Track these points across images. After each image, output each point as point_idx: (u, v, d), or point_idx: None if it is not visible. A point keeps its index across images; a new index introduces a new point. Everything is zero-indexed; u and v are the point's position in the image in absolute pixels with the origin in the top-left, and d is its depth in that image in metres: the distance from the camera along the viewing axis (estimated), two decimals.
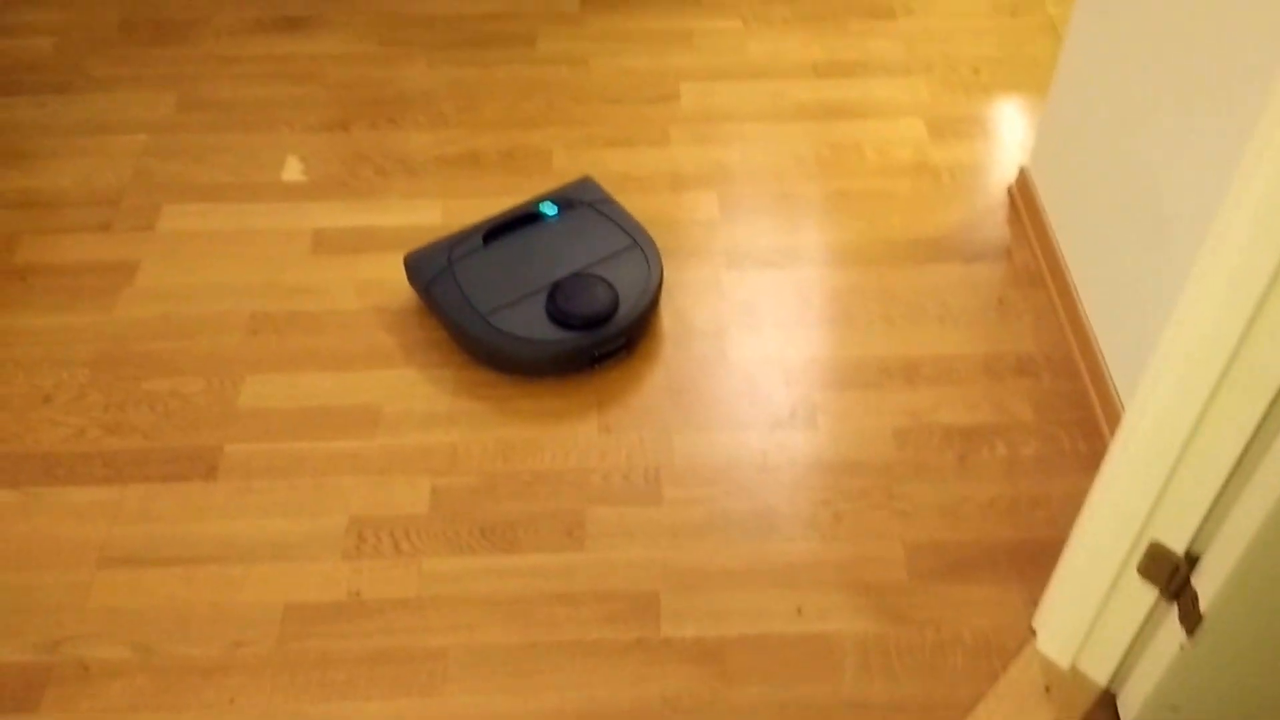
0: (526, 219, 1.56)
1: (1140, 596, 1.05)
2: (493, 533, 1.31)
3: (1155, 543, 1.00)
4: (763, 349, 1.50)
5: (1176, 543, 0.99)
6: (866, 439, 1.40)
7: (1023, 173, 1.68)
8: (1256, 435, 0.86)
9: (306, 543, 1.30)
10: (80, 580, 1.27)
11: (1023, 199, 1.67)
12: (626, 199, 1.70)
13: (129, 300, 1.56)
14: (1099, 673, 1.16)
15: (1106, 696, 1.15)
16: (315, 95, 1.90)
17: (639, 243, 1.53)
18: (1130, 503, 0.98)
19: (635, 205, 1.68)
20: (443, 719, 1.16)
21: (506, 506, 1.34)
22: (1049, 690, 1.16)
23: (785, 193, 1.72)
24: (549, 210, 1.57)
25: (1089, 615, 1.10)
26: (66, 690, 1.18)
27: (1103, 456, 1.36)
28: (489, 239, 1.53)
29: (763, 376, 1.47)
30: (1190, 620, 0.96)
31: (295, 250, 1.64)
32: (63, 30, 2.03)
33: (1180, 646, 0.98)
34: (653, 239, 1.54)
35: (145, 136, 1.81)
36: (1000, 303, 1.55)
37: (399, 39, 2.01)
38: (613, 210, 1.58)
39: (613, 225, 1.55)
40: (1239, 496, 0.90)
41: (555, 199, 1.59)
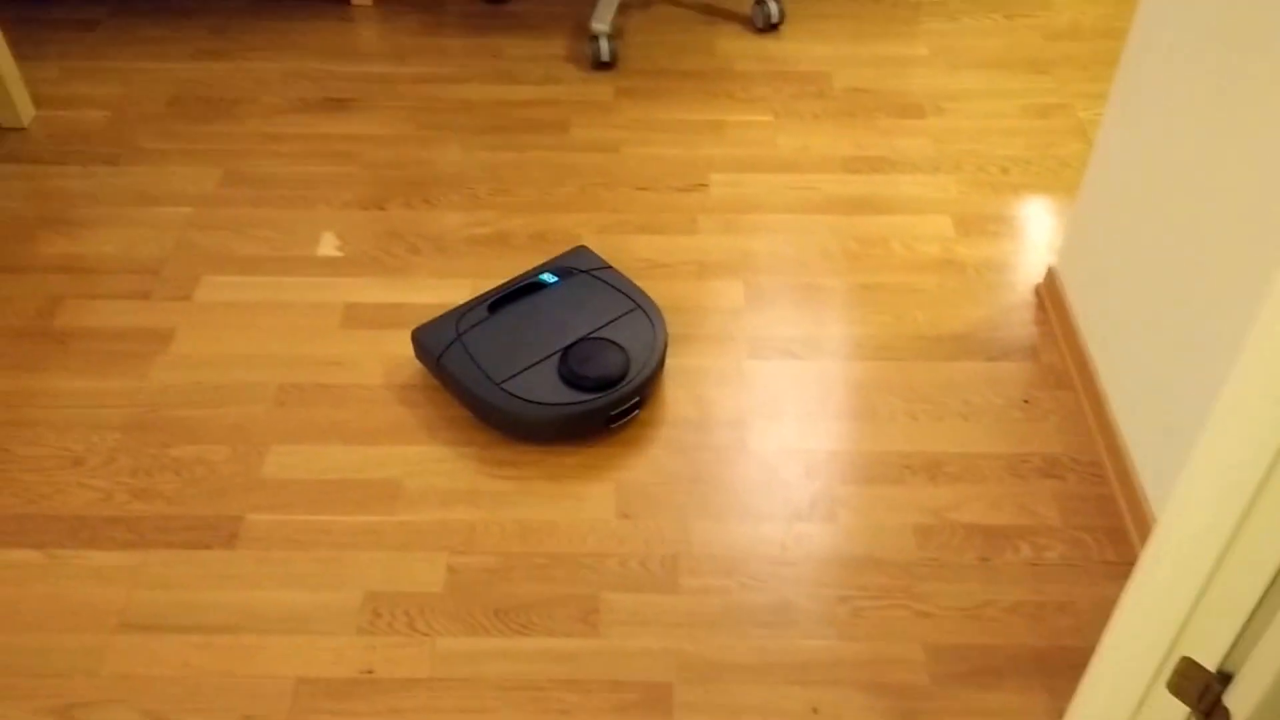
0: (529, 288, 1.61)
1: (1170, 714, 1.03)
2: (507, 615, 1.30)
3: (1186, 659, 0.98)
4: (784, 440, 1.51)
5: (1209, 659, 0.97)
6: (887, 535, 1.39)
7: (1050, 273, 1.69)
8: None
9: (322, 616, 1.30)
10: (96, 644, 1.27)
11: (1050, 299, 1.68)
12: (653, 285, 1.72)
13: (163, 367, 1.59)
14: None
15: None
16: (354, 174, 1.95)
17: (640, 305, 1.58)
18: (1161, 616, 0.96)
19: (661, 291, 1.71)
20: None
21: (522, 588, 1.33)
22: None
23: (811, 284, 1.74)
24: (549, 279, 1.62)
25: None
26: None
27: (1131, 563, 1.35)
28: (495, 308, 1.58)
29: (783, 468, 1.47)
30: None
31: (325, 324, 1.66)
32: (116, 104, 2.10)
33: None
34: (653, 301, 1.60)
35: (189, 209, 1.87)
36: (1026, 403, 1.55)
37: (436, 122, 2.07)
38: (610, 276, 1.63)
39: (612, 290, 1.60)
40: (1276, 613, 0.89)
41: (553, 268, 1.64)
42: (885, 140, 2.03)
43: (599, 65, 2.21)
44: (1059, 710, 1.19)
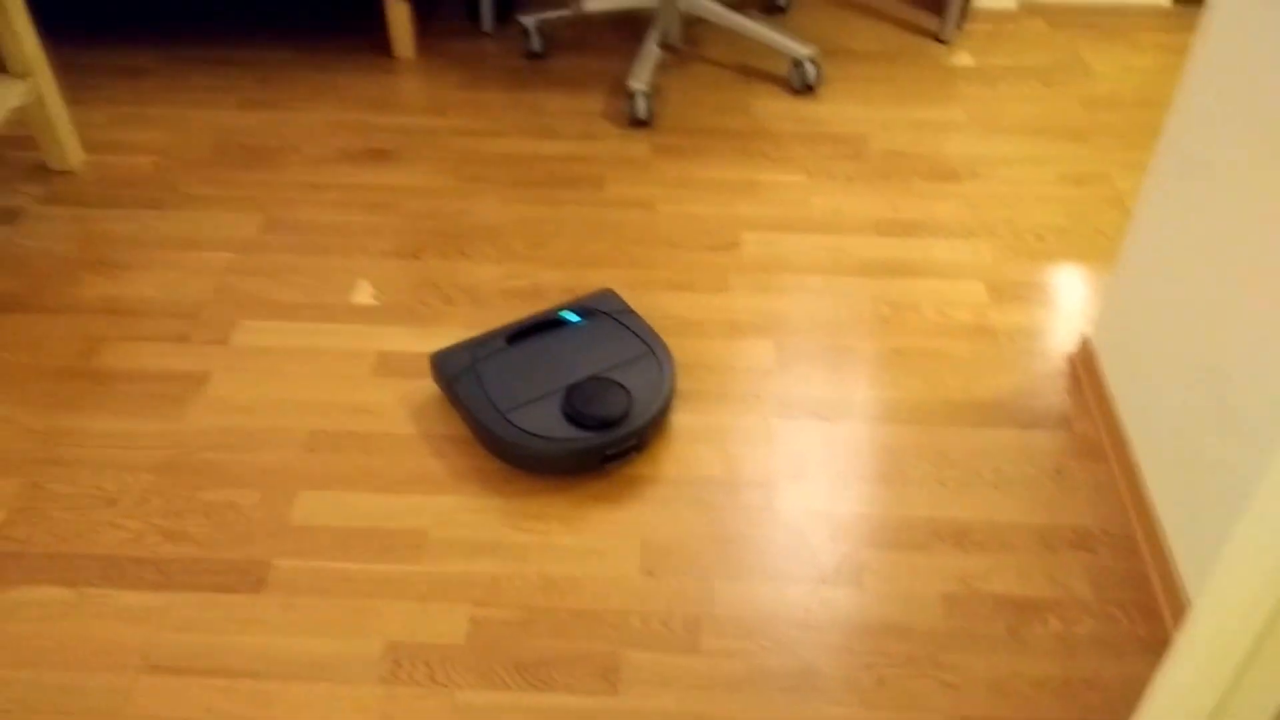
0: (549, 324, 1.65)
1: None
2: (528, 670, 1.30)
3: None
4: (810, 502, 1.50)
5: None
6: (913, 602, 1.37)
7: (1085, 342, 1.68)
8: None
9: (343, 665, 1.30)
10: (122, 685, 1.27)
11: (1084, 369, 1.67)
12: (683, 342, 1.73)
13: (197, 410, 1.61)
14: None
15: None
16: (391, 224, 1.98)
17: (654, 351, 1.61)
18: (1194, 700, 0.94)
19: (691, 349, 1.71)
20: None
21: (543, 644, 1.32)
22: None
23: (842, 346, 1.74)
24: (571, 317, 1.66)
25: None
26: None
27: (1162, 641, 1.32)
28: (512, 341, 1.61)
29: (809, 530, 1.46)
30: None
31: (358, 371, 1.68)
32: (162, 150, 2.15)
33: None
34: (667, 348, 1.62)
35: (229, 254, 1.90)
36: (1058, 473, 1.54)
37: (474, 175, 2.10)
38: (631, 320, 1.66)
39: (629, 334, 1.63)
40: None
41: (577, 308, 1.68)
42: (920, 204, 2.04)
43: (636, 122, 2.24)
44: None
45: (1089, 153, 2.17)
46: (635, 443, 1.52)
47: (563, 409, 1.51)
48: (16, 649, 1.31)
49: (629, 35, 2.57)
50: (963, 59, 2.47)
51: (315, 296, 1.82)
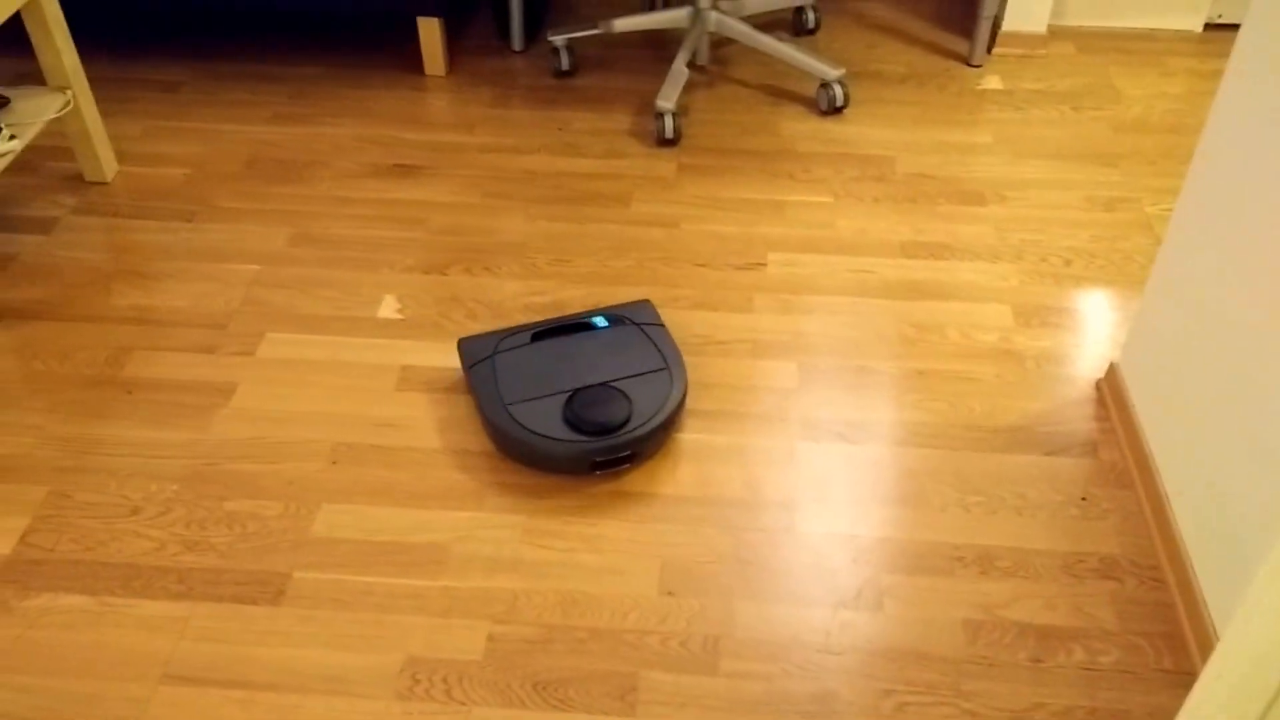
0: (577, 327, 1.67)
1: None
2: (545, 688, 1.29)
3: None
4: (832, 524, 1.49)
5: None
6: (935, 629, 1.36)
7: (1113, 368, 1.67)
8: None
9: (361, 679, 1.30)
10: (141, 695, 1.28)
11: (1112, 395, 1.65)
12: (707, 361, 1.72)
13: (223, 421, 1.62)
14: None
15: None
16: (418, 239, 1.99)
17: (670, 366, 1.62)
18: None
19: (714, 368, 1.71)
20: None
21: (561, 662, 1.32)
22: None
23: (865, 368, 1.73)
24: (600, 322, 1.68)
25: None
26: None
27: (1188, 673, 1.30)
28: (537, 338, 1.65)
29: (831, 552, 1.45)
30: None
31: (382, 385, 1.69)
32: (195, 163, 2.18)
33: None
34: (685, 367, 1.63)
35: (258, 266, 1.92)
36: (1084, 500, 1.52)
37: (501, 192, 2.11)
38: (657, 334, 1.67)
39: (652, 347, 1.64)
40: None
41: (609, 314, 1.70)
42: (945, 226, 2.03)
43: (663, 141, 2.25)
44: None
45: (1118, 178, 2.16)
46: (628, 454, 1.53)
47: (563, 411, 1.54)
48: (38, 656, 1.32)
49: (657, 55, 2.58)
50: (991, 82, 2.46)
51: (342, 310, 1.83)
